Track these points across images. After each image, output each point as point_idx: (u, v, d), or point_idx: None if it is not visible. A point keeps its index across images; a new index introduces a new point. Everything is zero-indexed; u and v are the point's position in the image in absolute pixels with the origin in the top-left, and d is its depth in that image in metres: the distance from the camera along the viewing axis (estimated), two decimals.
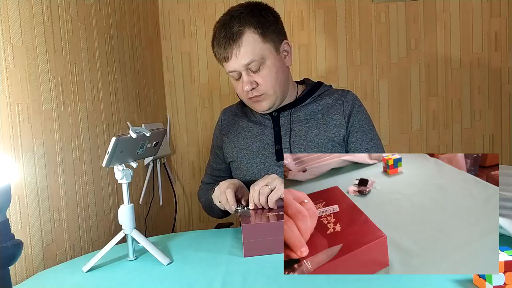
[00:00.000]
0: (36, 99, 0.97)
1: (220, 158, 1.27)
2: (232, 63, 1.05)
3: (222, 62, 1.09)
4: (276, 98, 1.12)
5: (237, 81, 1.11)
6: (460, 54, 1.97)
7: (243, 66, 1.05)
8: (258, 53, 1.05)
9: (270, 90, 1.09)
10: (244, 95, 1.11)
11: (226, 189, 1.01)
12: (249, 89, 1.07)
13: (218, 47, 1.07)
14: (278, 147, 1.14)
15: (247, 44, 1.03)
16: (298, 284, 0.69)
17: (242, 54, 1.04)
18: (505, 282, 0.60)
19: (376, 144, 1.16)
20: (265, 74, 1.07)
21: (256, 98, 1.10)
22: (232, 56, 1.04)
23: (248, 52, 1.04)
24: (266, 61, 1.06)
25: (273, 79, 1.08)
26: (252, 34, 1.04)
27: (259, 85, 1.08)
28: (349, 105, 1.14)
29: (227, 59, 1.06)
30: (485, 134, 2.01)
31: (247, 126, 1.21)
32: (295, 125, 1.14)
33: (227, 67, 1.08)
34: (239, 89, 1.12)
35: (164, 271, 0.82)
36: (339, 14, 2.00)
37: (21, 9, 0.93)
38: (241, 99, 1.19)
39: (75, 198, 1.13)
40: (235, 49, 1.03)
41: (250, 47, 1.04)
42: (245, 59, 1.04)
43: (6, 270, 0.58)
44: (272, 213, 0.92)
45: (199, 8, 2.04)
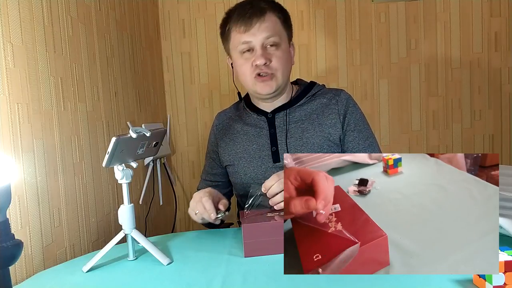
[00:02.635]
0: (36, 99, 0.97)
1: (216, 162, 1.26)
2: (251, 34, 1.06)
3: (237, 33, 1.08)
4: (281, 84, 1.12)
5: (245, 59, 1.10)
6: (460, 54, 1.97)
7: (262, 39, 1.06)
8: (278, 33, 1.09)
9: (279, 71, 1.09)
10: (251, 72, 1.09)
11: (202, 198, 0.98)
12: (263, 62, 1.06)
13: (239, 17, 1.08)
14: (274, 148, 1.13)
15: (270, 21, 1.08)
16: (298, 284, 0.69)
17: (264, 28, 1.06)
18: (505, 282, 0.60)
19: (372, 142, 1.16)
20: (279, 55, 1.09)
21: (265, 77, 1.09)
22: (253, 27, 1.06)
23: (270, 28, 1.07)
24: (281, 45, 1.10)
25: (284, 62, 1.10)
26: (275, 17, 1.10)
27: (272, 62, 1.08)
28: (343, 104, 1.14)
29: (247, 29, 1.06)
30: (485, 134, 2.01)
31: (243, 129, 1.20)
32: (291, 125, 1.14)
33: (243, 38, 1.07)
34: (247, 66, 1.10)
35: (164, 271, 0.82)
36: (339, 14, 2.00)
37: (21, 9, 0.93)
38: (243, 81, 1.15)
39: (75, 198, 1.13)
40: (259, 21, 1.06)
41: (272, 25, 1.08)
42: (266, 32, 1.06)
43: (6, 270, 0.58)
44: (273, 213, 0.92)
45: (199, 8, 2.04)
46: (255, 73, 1.09)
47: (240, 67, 1.12)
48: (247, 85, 1.15)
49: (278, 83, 1.10)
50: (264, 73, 1.08)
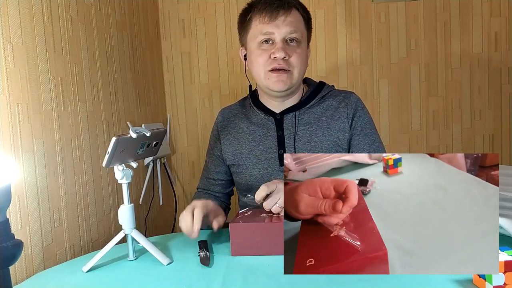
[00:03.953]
0: (36, 99, 0.97)
1: (220, 159, 1.22)
2: (275, 25, 1.05)
3: (260, 23, 1.06)
4: (295, 83, 1.10)
5: (262, 50, 1.07)
6: (460, 54, 1.97)
7: (285, 32, 1.05)
8: (301, 31, 1.08)
9: (297, 68, 1.08)
10: (268, 64, 1.06)
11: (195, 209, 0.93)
12: (282, 56, 1.04)
13: (265, 6, 1.06)
14: (281, 151, 1.11)
15: (295, 18, 1.07)
16: (298, 284, 0.69)
17: (288, 22, 1.06)
18: (505, 282, 0.60)
19: (379, 147, 1.14)
20: (299, 52, 1.08)
21: (281, 72, 1.06)
22: (278, 18, 1.05)
23: (294, 23, 1.06)
24: (301, 43, 1.09)
25: (302, 60, 1.09)
26: (300, 15, 1.10)
27: (291, 57, 1.06)
28: (352, 107, 1.13)
29: (272, 20, 1.05)
30: (485, 134, 2.01)
31: (249, 128, 1.17)
32: (299, 128, 1.12)
33: (265, 28, 1.06)
34: (263, 57, 1.07)
35: (164, 271, 0.82)
36: (339, 14, 2.00)
37: (21, 9, 0.93)
38: (256, 73, 1.11)
39: (75, 198, 1.13)
40: (285, 15, 1.05)
41: (296, 21, 1.07)
42: (290, 27, 1.06)
43: (6, 270, 0.58)
44: (266, 214, 0.92)
45: (199, 8, 2.04)
46: (271, 67, 1.06)
47: (256, 58, 1.09)
48: (259, 79, 1.11)
49: (292, 81, 1.08)
50: (280, 69, 1.05)
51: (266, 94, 1.16)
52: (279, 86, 1.07)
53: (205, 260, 0.84)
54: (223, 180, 1.23)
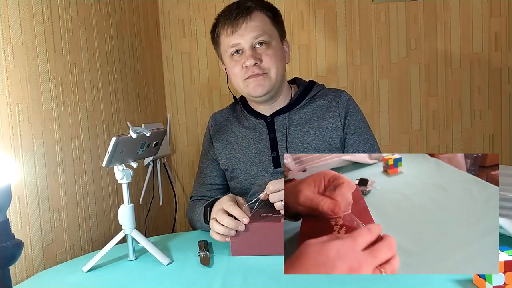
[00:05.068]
0: (36, 99, 0.97)
1: (216, 163, 1.21)
2: (239, 35, 1.05)
3: (225, 36, 1.07)
4: (275, 84, 1.08)
5: (235, 61, 1.08)
6: (460, 54, 1.97)
7: (250, 39, 1.04)
8: (267, 32, 1.06)
9: (273, 69, 1.06)
10: (243, 74, 1.07)
11: (228, 207, 0.89)
12: (252, 63, 1.04)
13: (226, 19, 1.06)
14: (274, 154, 1.11)
15: (258, 20, 1.06)
16: (298, 284, 0.69)
17: (252, 27, 1.04)
18: (505, 282, 0.60)
19: (373, 145, 1.14)
20: (270, 53, 1.06)
21: (257, 76, 1.05)
22: (241, 27, 1.04)
23: (258, 27, 1.05)
24: (272, 42, 1.07)
25: (277, 59, 1.07)
26: (263, 15, 1.07)
27: (262, 62, 1.05)
28: (344, 106, 1.12)
29: (234, 31, 1.05)
30: (485, 134, 2.01)
31: (241, 132, 1.17)
32: (291, 130, 1.12)
33: (231, 40, 1.06)
34: (237, 68, 1.07)
35: (164, 271, 0.82)
36: (339, 14, 2.00)
37: (21, 9, 0.93)
38: (236, 85, 1.12)
39: (75, 198, 1.13)
40: (246, 21, 1.04)
41: (261, 23, 1.06)
42: (254, 32, 1.04)
43: (6, 270, 0.58)
44: (266, 214, 0.92)
45: (199, 8, 2.04)
46: (247, 75, 1.06)
47: (231, 70, 1.10)
48: (240, 89, 1.12)
49: (271, 82, 1.07)
50: (254, 75, 1.05)
51: (252, 101, 1.17)
52: (259, 91, 1.07)
53: (205, 260, 0.84)
54: (220, 184, 1.22)
